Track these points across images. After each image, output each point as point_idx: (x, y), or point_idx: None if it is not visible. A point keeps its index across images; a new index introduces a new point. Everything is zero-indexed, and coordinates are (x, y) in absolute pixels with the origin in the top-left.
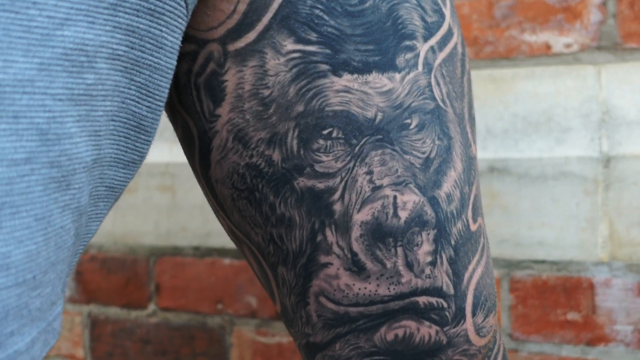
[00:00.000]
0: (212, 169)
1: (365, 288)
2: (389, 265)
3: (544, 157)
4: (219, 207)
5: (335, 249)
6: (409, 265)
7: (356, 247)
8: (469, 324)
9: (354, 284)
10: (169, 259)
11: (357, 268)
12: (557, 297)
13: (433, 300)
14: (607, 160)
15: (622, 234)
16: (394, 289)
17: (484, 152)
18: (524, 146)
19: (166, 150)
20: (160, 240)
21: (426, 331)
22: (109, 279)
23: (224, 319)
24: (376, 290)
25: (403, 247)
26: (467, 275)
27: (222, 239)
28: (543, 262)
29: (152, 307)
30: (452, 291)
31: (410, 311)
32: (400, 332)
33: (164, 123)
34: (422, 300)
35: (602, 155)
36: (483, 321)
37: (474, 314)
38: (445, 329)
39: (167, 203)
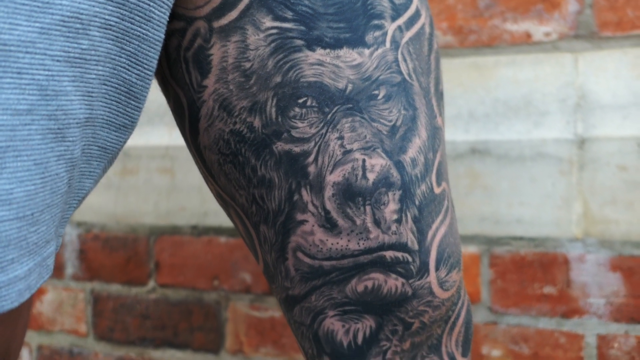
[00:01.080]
0: (201, 136)
1: (337, 243)
2: (358, 222)
3: (522, 139)
4: (207, 172)
5: (310, 207)
6: (377, 223)
7: (329, 205)
8: (432, 278)
9: (327, 240)
10: (168, 238)
11: (329, 225)
12: (534, 272)
13: (399, 254)
14: (582, 142)
15: (596, 212)
16: (363, 243)
17: (467, 135)
18: (504, 129)
19: (166, 134)
20: (159, 220)
21: (393, 283)
22: (111, 257)
23: (219, 295)
24: (347, 245)
25: (371, 205)
26: (430, 233)
27: (218, 218)
28: (521, 238)
29: (151, 283)
30: (416, 247)
31: (378, 264)
32: (369, 284)
33: (164, 108)
34: (389, 254)
35: (577, 138)
36: (446, 276)
37: (437, 269)
38: (410, 281)
39: (166, 184)
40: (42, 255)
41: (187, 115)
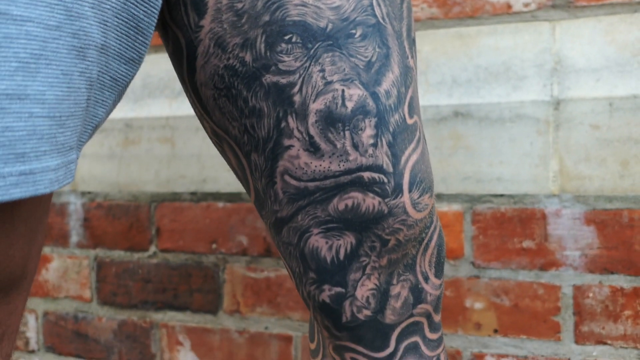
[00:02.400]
0: (198, 73)
1: (321, 165)
2: (338, 145)
3: (502, 102)
4: (203, 110)
5: (296, 133)
6: (355, 146)
7: (312, 131)
8: (406, 198)
9: (311, 162)
10: (168, 204)
11: (313, 148)
12: (514, 227)
13: (375, 175)
14: (558, 103)
15: (571, 169)
16: (343, 165)
17: (450, 99)
18: (484, 93)
19: (166, 105)
20: (160, 188)
21: (370, 202)
22: (113, 224)
23: (217, 258)
24: (329, 167)
25: (350, 131)
26: (403, 158)
27: (216, 184)
28: (501, 196)
29: (152, 249)
30: (391, 169)
31: (356, 184)
32: (349, 203)
33: (164, 83)
34: (366, 175)
35: (553, 99)
36: (418, 198)
37: (410, 190)
38: (386, 200)
39: (167, 153)
40: (67, 158)
41: (185, 55)
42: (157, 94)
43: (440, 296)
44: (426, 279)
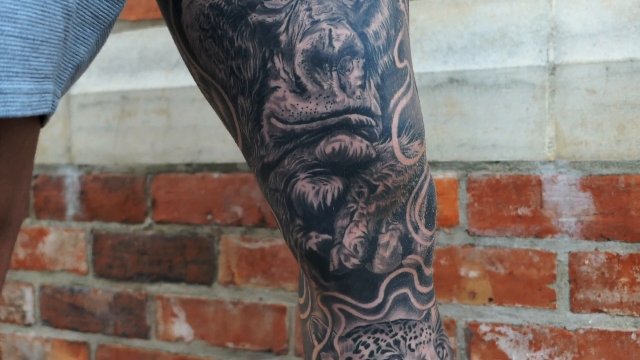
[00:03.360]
0: (183, 14)
1: (307, 107)
2: (325, 86)
3: (497, 67)
4: (190, 54)
5: (282, 74)
6: (342, 87)
7: (299, 71)
8: (394, 142)
9: (297, 104)
10: (164, 176)
11: (299, 90)
12: (509, 194)
13: (363, 118)
14: (553, 68)
15: (567, 134)
16: (330, 106)
17: (445, 66)
18: (480, 59)
19: (163, 77)
20: (156, 159)
21: (358, 145)
22: (110, 197)
23: (212, 229)
24: (315, 109)
25: (337, 71)
26: (392, 102)
27: (212, 155)
28: (497, 162)
29: (148, 221)
30: (379, 112)
31: (344, 127)
32: (336, 146)
33: (161, 55)
34: (354, 117)
35: (549, 64)
36: (408, 144)
37: (399, 135)
38: (374, 144)
39: (162, 125)
40: (42, 85)
41: None
42: (154, 66)
43: (431, 248)
44: (416, 228)
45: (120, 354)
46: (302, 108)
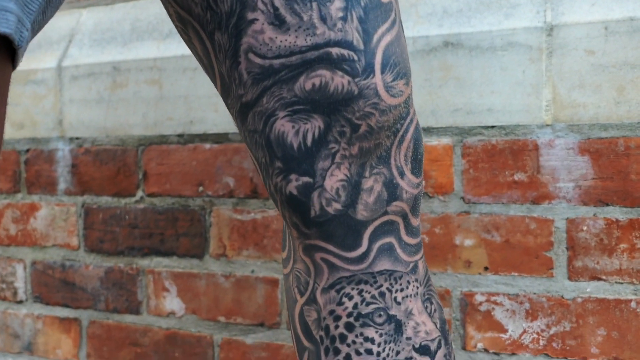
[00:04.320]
0: None
1: (286, 40)
2: (305, 18)
3: (493, 30)
4: None
5: (260, 5)
6: (323, 19)
7: (277, 2)
8: (378, 79)
9: (276, 37)
10: (155, 148)
11: (278, 22)
12: (505, 160)
13: (344, 52)
14: (551, 29)
15: (564, 97)
16: (310, 39)
17: (440, 29)
18: (475, 22)
19: (154, 47)
20: (148, 131)
21: (339, 81)
22: (101, 170)
23: (204, 201)
24: (295, 42)
25: (317, 2)
26: (376, 37)
27: (203, 125)
28: (492, 127)
29: (139, 193)
30: (361, 46)
31: (324, 61)
32: (316, 81)
33: (153, 26)
34: (335, 51)
35: (546, 25)
36: (392, 82)
37: (382, 72)
38: (356, 80)
39: (154, 95)
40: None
41: None
42: (146, 37)
43: (419, 197)
44: (401, 174)
45: (111, 330)
46: (280, 41)
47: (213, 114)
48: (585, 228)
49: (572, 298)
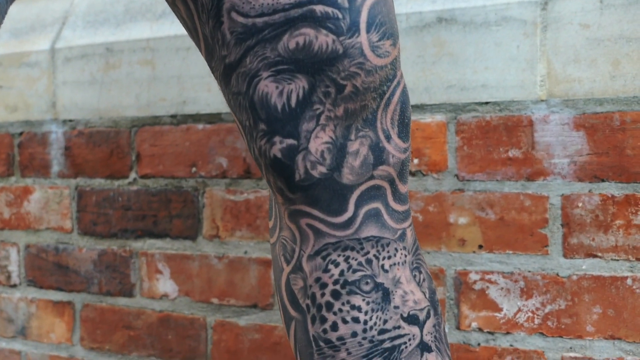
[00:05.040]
0: None
1: None
2: None
3: (487, 4)
4: None
5: None
6: None
7: None
8: (363, 39)
9: None
10: (148, 129)
11: None
12: (500, 136)
13: (329, 9)
14: (545, 3)
15: (559, 71)
16: None
17: (433, 5)
18: None
19: (147, 28)
20: (141, 112)
21: (324, 39)
22: (94, 152)
23: (197, 182)
24: None
25: None
26: None
27: (196, 105)
28: (486, 103)
29: (132, 175)
30: (346, 4)
31: (308, 19)
32: (300, 40)
33: (146, 7)
34: (319, 8)
35: None
36: (378, 42)
37: (368, 31)
38: (340, 38)
39: (147, 76)
40: None
41: None
42: (139, 18)
43: (406, 162)
44: (388, 137)
45: (104, 314)
46: None
47: (206, 93)
48: (580, 204)
49: (567, 276)
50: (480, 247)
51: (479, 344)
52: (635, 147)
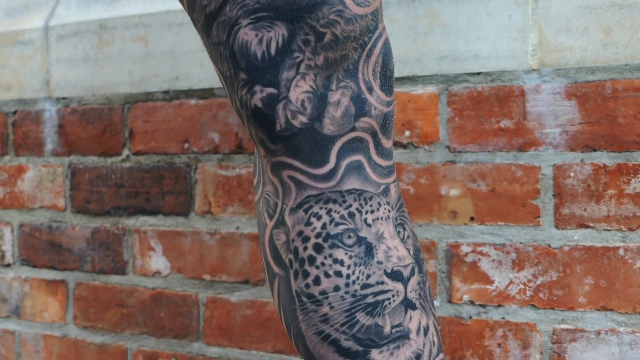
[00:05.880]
0: None
1: None
2: None
3: None
4: None
5: None
6: None
7: None
8: None
9: None
10: (141, 105)
11: None
12: (491, 107)
13: None
14: None
15: (551, 40)
16: None
17: None
18: None
19: (140, 4)
20: (133, 88)
21: None
22: (87, 129)
23: (189, 157)
24: None
25: None
26: None
27: (189, 81)
28: (478, 74)
29: (125, 152)
30: None
31: None
32: None
33: None
34: None
35: None
36: None
37: None
38: None
39: (140, 52)
40: None
41: None
42: None
43: (389, 117)
44: (370, 89)
45: (97, 292)
46: None
47: (198, 69)
48: (572, 174)
49: (559, 247)
50: (472, 219)
51: (470, 317)
52: (627, 115)
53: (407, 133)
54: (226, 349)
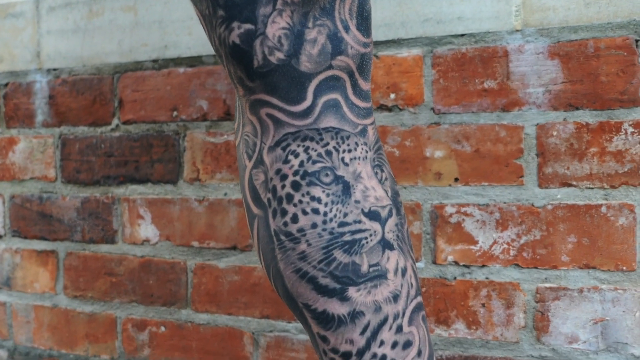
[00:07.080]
0: None
1: None
2: None
3: None
4: None
5: None
6: None
7: None
8: None
9: None
10: (131, 75)
11: None
12: (475, 68)
13: None
14: None
15: (534, 1)
16: None
17: None
18: None
19: None
20: (123, 58)
21: None
22: (77, 100)
23: (178, 125)
24: None
25: None
26: None
27: (177, 49)
28: (462, 35)
29: (115, 121)
30: None
31: None
32: None
33: None
34: None
35: None
36: None
37: None
38: None
39: (129, 22)
40: None
41: None
42: None
43: (366, 58)
44: (346, 28)
45: (87, 261)
46: None
47: (187, 37)
48: (555, 133)
49: (542, 206)
50: (456, 180)
51: (455, 278)
52: (609, 73)
53: (392, 96)
54: (214, 315)
